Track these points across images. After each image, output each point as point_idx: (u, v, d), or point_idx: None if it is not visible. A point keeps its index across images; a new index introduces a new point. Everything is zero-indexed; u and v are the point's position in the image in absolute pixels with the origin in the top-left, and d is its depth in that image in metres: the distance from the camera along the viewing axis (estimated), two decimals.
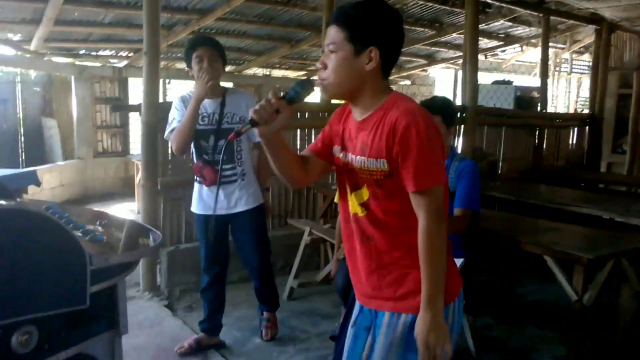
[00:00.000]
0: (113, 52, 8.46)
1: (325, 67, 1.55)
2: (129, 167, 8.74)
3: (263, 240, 3.35)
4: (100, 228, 1.44)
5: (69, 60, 8.18)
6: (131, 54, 8.45)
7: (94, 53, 8.37)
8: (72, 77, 8.24)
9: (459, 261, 2.83)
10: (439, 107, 2.84)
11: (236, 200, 3.16)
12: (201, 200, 3.19)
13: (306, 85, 1.54)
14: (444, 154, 1.59)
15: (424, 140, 1.46)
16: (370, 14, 1.52)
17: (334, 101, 3.23)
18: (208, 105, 3.07)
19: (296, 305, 4.16)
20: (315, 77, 1.63)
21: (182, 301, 4.13)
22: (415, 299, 1.53)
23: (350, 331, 1.73)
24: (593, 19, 7.77)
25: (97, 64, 8.55)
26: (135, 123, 9.08)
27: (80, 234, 1.33)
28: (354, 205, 1.64)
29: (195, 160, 3.17)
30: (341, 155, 1.67)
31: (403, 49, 6.42)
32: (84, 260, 1.17)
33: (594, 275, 2.95)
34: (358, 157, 1.58)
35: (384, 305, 1.60)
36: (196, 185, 3.22)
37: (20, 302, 1.12)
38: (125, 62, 8.69)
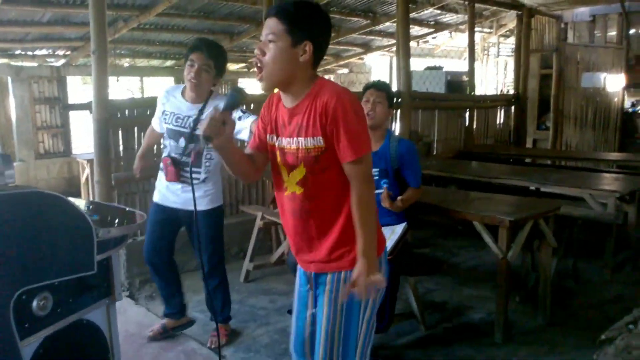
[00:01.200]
0: (50, 51, 8.35)
1: (263, 54, 1.72)
2: (73, 166, 8.68)
3: (215, 241, 3.34)
4: (92, 210, 1.66)
5: (5, 61, 8.02)
6: (69, 52, 8.37)
7: (30, 53, 8.23)
8: (9, 78, 8.10)
9: (401, 226, 3.19)
10: (385, 86, 3.28)
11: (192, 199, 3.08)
12: (159, 190, 3.28)
13: (238, 91, 1.76)
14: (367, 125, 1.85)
15: (352, 115, 1.70)
16: (307, 12, 1.73)
17: None
18: (186, 108, 3.07)
19: (253, 286, 4.42)
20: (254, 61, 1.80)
21: (143, 291, 4.31)
22: (350, 256, 1.82)
23: (295, 295, 2.04)
24: (514, 4, 8.35)
25: (34, 64, 8.42)
26: (78, 122, 9.02)
27: None
28: (291, 185, 1.84)
29: (164, 154, 3.18)
30: (276, 142, 1.86)
31: (340, 38, 6.82)
32: (91, 232, 1.41)
33: (516, 235, 3.37)
34: (295, 138, 1.78)
35: (325, 267, 1.88)
36: (160, 173, 3.23)
37: (41, 270, 1.34)
38: (63, 61, 8.59)
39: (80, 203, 1.81)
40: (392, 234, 3.14)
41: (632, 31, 9.34)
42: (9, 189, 1.30)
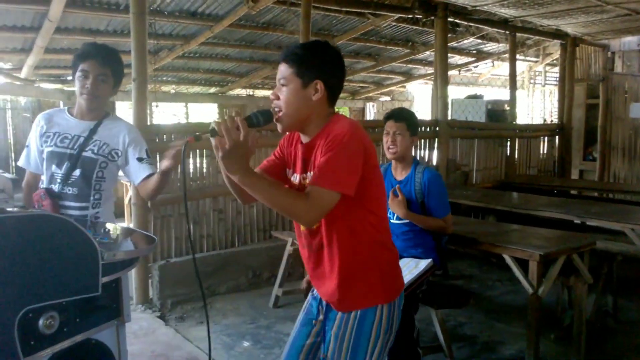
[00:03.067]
0: None
1: (277, 98, 1.75)
2: (118, 188, 8.96)
3: None
4: (105, 233, 1.72)
5: (58, 86, 8.43)
6: None
7: None
8: (61, 102, 8.47)
9: (426, 261, 3.13)
10: (404, 115, 3.18)
11: None
12: None
13: (266, 114, 1.73)
14: (371, 161, 1.74)
15: (343, 147, 1.64)
16: (314, 52, 1.75)
17: None
18: (75, 125, 2.56)
19: (282, 312, 4.42)
20: (272, 107, 1.78)
21: (174, 312, 4.37)
22: (363, 297, 1.80)
23: (301, 316, 2.01)
24: (558, 34, 8.22)
25: None
26: None
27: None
28: None
29: (40, 185, 2.58)
30: (293, 177, 1.86)
31: (380, 67, 6.84)
32: (96, 255, 1.45)
33: (548, 270, 3.26)
34: (307, 173, 1.78)
35: (336, 305, 1.86)
36: None
37: (47, 290, 1.39)
38: None
39: (98, 226, 1.86)
40: (415, 267, 3.08)
41: None
42: (18, 212, 1.35)
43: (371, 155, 1.74)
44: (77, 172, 2.48)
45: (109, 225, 2.03)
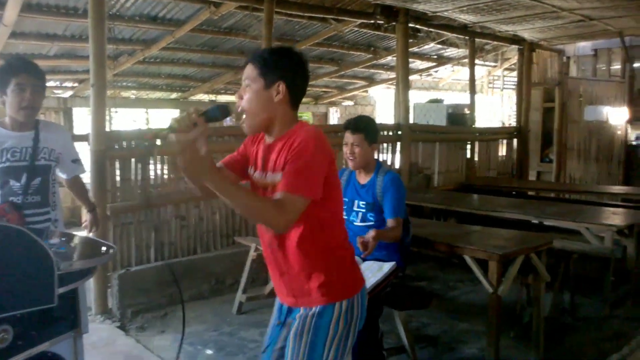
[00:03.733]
0: (58, 83, 8.53)
1: (241, 98, 1.82)
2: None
3: None
4: (62, 243, 1.68)
5: None
6: (76, 85, 8.54)
7: None
8: None
9: (390, 264, 3.16)
10: (361, 126, 3.19)
11: None
12: None
13: (224, 109, 1.74)
14: (331, 171, 1.81)
15: (309, 155, 1.72)
16: (279, 55, 1.83)
17: None
18: (18, 138, 2.66)
19: (245, 318, 4.39)
20: (234, 103, 1.89)
21: (135, 322, 4.28)
22: (322, 294, 1.84)
23: (271, 325, 2.04)
24: (515, 39, 8.42)
25: None
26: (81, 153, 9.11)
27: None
28: None
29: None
30: (255, 175, 1.92)
31: (343, 72, 6.89)
32: (52, 265, 1.41)
33: (507, 269, 3.33)
34: (269, 173, 1.84)
35: (297, 302, 1.91)
36: None
37: (0, 302, 1.36)
38: (70, 93, 8.76)
39: (54, 235, 1.82)
40: (379, 271, 3.11)
41: (636, 64, 9.37)
42: None
43: (333, 162, 1.84)
44: (37, 181, 2.65)
45: (66, 235, 1.99)
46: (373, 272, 3.09)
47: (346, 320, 1.87)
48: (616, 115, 9.42)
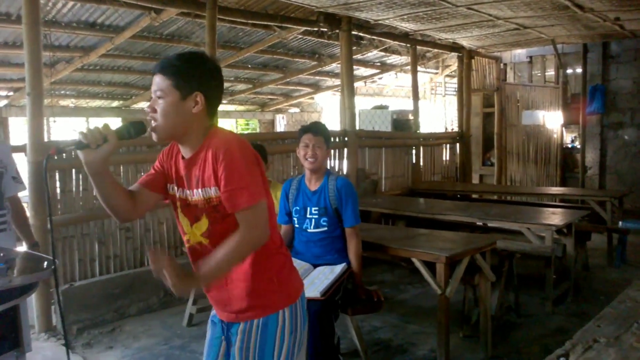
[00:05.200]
0: None
1: (154, 110, 1.70)
2: None
3: None
4: (0, 258, 1.59)
5: None
6: (11, 93, 8.19)
7: None
8: None
9: (341, 266, 3.20)
10: (322, 129, 3.29)
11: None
12: None
13: (138, 127, 1.69)
14: (261, 171, 1.76)
15: (240, 163, 1.65)
16: (192, 64, 1.71)
17: None
18: None
19: (196, 330, 4.31)
20: (148, 119, 1.74)
21: (80, 339, 4.13)
22: (263, 305, 1.80)
23: (206, 343, 1.99)
24: (455, 46, 8.67)
25: None
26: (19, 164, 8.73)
27: None
28: (195, 237, 1.80)
29: None
30: (178, 193, 1.81)
31: (288, 79, 6.89)
32: None
33: (454, 271, 3.41)
34: (195, 190, 1.74)
35: (238, 317, 1.83)
36: None
37: None
38: (5, 102, 8.39)
39: None
40: (331, 273, 3.13)
41: (569, 71, 9.82)
42: None
43: (261, 163, 1.78)
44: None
45: (4, 250, 1.89)
46: (325, 275, 3.11)
47: (292, 325, 1.83)
48: (552, 119, 9.84)
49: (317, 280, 3.06)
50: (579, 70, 9.56)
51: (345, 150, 6.79)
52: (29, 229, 3.12)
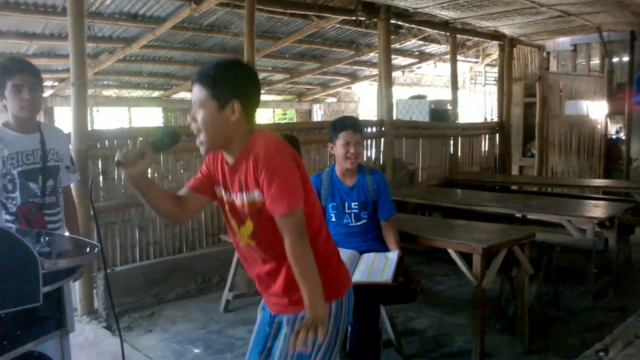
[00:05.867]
0: None
1: (195, 120, 1.74)
2: None
3: None
4: (46, 242, 1.66)
5: None
6: (56, 84, 8.44)
7: None
8: None
9: (395, 253, 3.21)
10: (360, 127, 3.31)
11: None
12: None
13: (172, 137, 1.74)
14: (301, 173, 1.80)
15: (279, 169, 1.70)
16: (227, 72, 1.74)
17: None
18: (27, 141, 2.66)
19: (232, 316, 4.38)
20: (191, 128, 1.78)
21: (121, 322, 4.24)
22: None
23: (255, 330, 2.03)
24: (496, 35, 8.50)
25: None
26: None
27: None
28: (243, 238, 1.85)
29: (16, 204, 2.63)
30: (225, 195, 1.87)
31: (326, 69, 6.87)
32: (36, 264, 1.40)
33: (490, 262, 3.37)
34: (239, 194, 1.80)
35: (286, 309, 1.87)
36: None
37: None
38: (50, 92, 8.66)
39: (35, 234, 1.80)
40: (387, 260, 3.12)
41: (615, 59, 9.51)
42: None
43: (300, 164, 1.81)
44: (50, 182, 2.70)
45: (50, 234, 1.97)
46: (382, 261, 3.11)
47: (336, 320, 1.85)
48: (596, 110, 9.56)
49: (376, 267, 3.06)
50: (626, 58, 9.23)
51: (382, 140, 6.76)
52: (77, 222, 3.09)
